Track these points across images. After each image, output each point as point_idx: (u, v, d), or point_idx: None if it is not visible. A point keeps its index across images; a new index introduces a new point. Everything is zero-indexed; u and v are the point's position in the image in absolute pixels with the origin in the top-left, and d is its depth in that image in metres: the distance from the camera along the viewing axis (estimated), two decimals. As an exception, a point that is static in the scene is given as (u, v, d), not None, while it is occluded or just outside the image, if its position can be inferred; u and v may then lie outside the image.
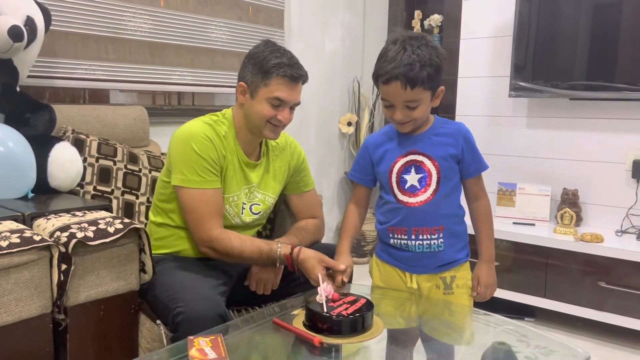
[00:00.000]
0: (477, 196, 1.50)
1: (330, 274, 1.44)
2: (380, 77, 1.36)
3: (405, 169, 1.44)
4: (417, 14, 3.34)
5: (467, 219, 1.52)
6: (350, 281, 1.67)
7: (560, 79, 2.64)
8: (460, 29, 3.06)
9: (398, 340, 1.34)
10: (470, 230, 1.52)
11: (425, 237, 1.44)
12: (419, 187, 1.43)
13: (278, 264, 1.54)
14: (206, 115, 1.63)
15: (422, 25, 3.32)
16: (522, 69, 2.75)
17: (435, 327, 1.47)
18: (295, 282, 1.60)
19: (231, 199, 1.61)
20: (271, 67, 1.52)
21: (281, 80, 1.52)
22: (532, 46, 2.73)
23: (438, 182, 1.42)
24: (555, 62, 2.67)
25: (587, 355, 1.19)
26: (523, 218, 2.77)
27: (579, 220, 2.65)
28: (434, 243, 1.44)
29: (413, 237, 1.44)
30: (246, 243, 1.52)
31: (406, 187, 1.44)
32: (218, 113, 1.64)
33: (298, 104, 1.61)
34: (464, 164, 1.45)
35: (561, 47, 2.65)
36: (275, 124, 1.57)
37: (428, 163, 1.43)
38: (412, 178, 1.43)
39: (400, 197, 1.44)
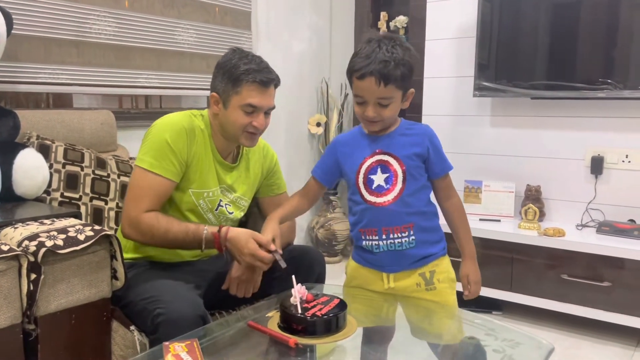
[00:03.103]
0: (447, 196, 1.52)
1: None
2: (354, 72, 1.38)
3: (372, 169, 1.46)
4: (383, 15, 3.38)
5: (443, 216, 1.54)
6: (323, 281, 1.69)
7: (522, 79, 2.73)
8: (425, 30, 3.11)
9: (372, 338, 1.36)
10: (446, 229, 1.53)
11: (395, 235, 1.45)
12: (385, 187, 1.45)
13: (204, 246, 1.50)
14: (189, 110, 1.62)
15: (388, 26, 3.36)
16: (486, 69, 2.82)
17: (418, 328, 1.49)
18: (273, 281, 1.58)
19: (206, 194, 1.61)
20: (240, 74, 1.52)
21: (251, 86, 1.53)
22: (495, 47, 2.80)
23: (404, 181, 1.44)
24: (517, 62, 2.75)
25: (551, 347, 1.24)
26: (489, 214, 2.84)
27: (542, 215, 2.74)
28: (405, 241, 1.45)
29: (384, 236, 1.45)
30: (173, 223, 1.50)
31: (373, 187, 1.45)
32: (196, 111, 1.63)
33: (273, 108, 1.61)
34: (429, 164, 1.47)
35: (523, 47, 2.73)
36: (252, 131, 1.58)
37: (394, 162, 1.45)
38: (378, 178, 1.45)
39: (368, 197, 1.46)
